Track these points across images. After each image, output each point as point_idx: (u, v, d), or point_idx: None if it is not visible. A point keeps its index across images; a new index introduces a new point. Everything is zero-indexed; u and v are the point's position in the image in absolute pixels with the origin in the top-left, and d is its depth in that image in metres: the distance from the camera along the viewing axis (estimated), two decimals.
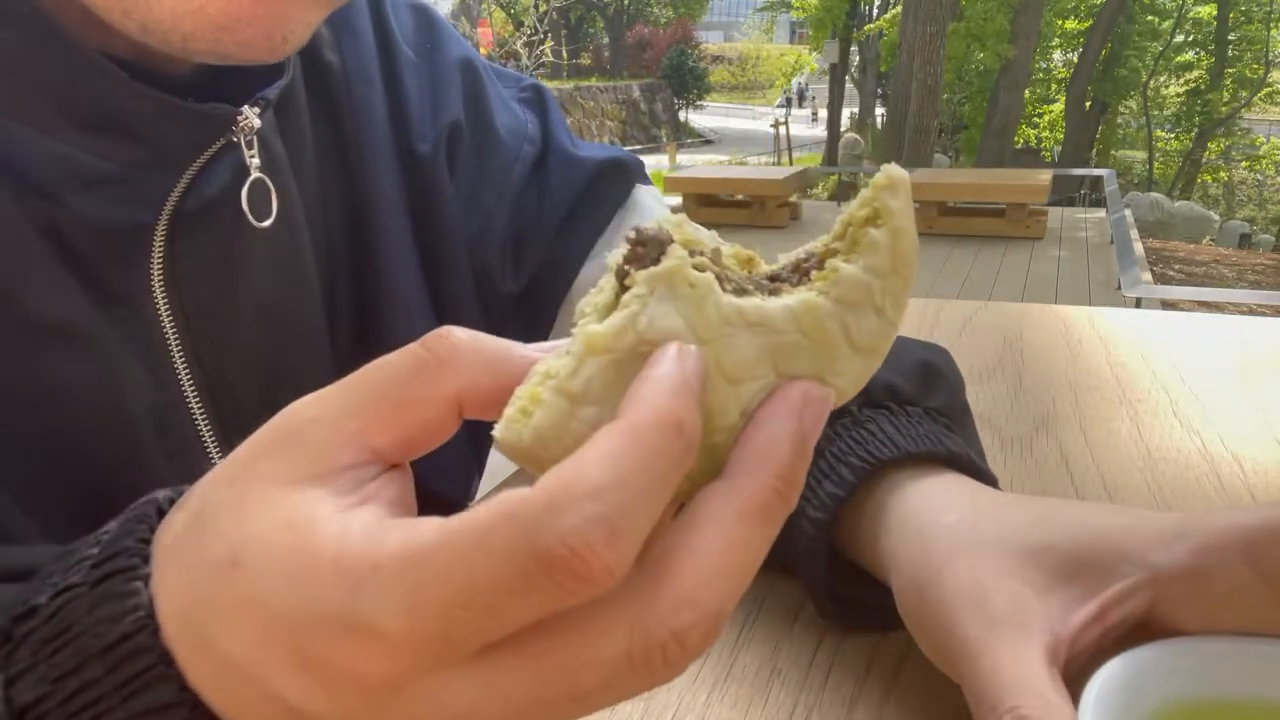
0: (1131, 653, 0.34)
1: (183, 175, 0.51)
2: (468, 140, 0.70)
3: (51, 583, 0.29)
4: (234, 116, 0.51)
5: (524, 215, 0.72)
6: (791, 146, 18.79)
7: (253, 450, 0.28)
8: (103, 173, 0.49)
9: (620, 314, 0.27)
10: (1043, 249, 7.73)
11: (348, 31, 0.66)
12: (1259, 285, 9.01)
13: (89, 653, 0.27)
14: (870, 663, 0.48)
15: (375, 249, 0.65)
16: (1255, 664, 0.34)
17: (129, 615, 0.27)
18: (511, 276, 0.71)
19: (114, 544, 0.29)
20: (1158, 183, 18.71)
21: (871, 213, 0.28)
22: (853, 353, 0.28)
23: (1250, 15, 18.43)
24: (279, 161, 0.58)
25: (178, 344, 0.53)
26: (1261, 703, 0.33)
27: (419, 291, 0.67)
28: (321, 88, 0.64)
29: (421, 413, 0.28)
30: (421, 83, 0.70)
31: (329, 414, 0.28)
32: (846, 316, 0.28)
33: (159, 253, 0.52)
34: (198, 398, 0.54)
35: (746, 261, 0.31)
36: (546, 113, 0.77)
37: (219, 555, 0.26)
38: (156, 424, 0.53)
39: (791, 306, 0.27)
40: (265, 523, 0.26)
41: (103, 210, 0.49)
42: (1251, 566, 0.35)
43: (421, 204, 0.68)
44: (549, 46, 13.84)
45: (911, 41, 12.34)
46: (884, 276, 0.28)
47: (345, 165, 0.64)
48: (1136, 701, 0.32)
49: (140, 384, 0.52)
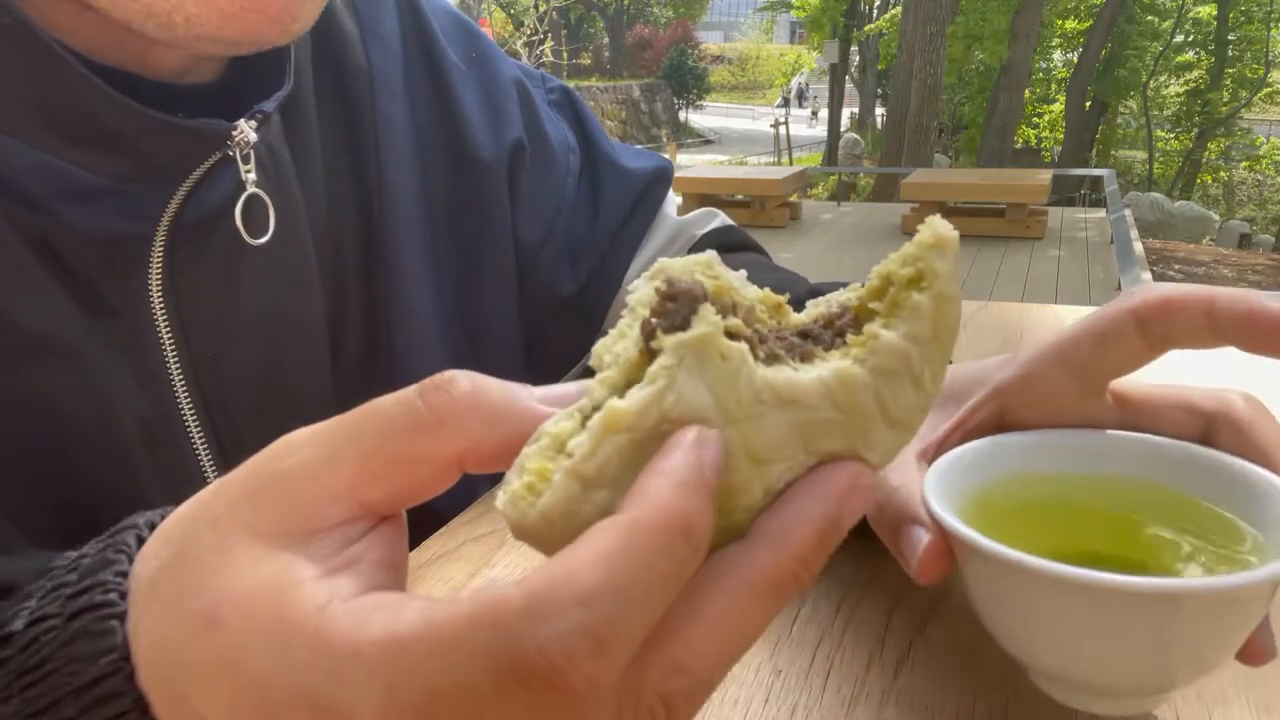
0: (968, 445, 0.43)
1: (179, 187, 0.50)
2: (530, 158, 0.73)
3: (27, 609, 0.28)
4: (228, 132, 0.50)
5: (578, 222, 0.75)
6: (792, 146, 18.80)
7: (240, 490, 0.27)
8: (95, 186, 0.48)
9: (646, 391, 0.25)
10: (1043, 249, 7.73)
11: (375, 37, 0.66)
12: (1259, 285, 9.01)
13: (63, 691, 0.27)
14: (870, 662, 0.48)
15: (388, 256, 0.64)
16: (1062, 448, 0.43)
17: (104, 657, 0.27)
18: (569, 280, 0.74)
19: (91, 574, 0.28)
20: (1158, 183, 18.70)
21: (915, 274, 0.27)
22: (887, 427, 0.27)
23: (1250, 15, 18.43)
24: (284, 171, 0.58)
25: (174, 356, 0.52)
26: (1066, 475, 0.43)
27: (433, 298, 0.67)
28: (341, 91, 0.63)
29: (419, 470, 0.27)
30: (472, 91, 0.71)
31: (320, 463, 0.26)
32: (882, 388, 0.26)
33: (158, 263, 0.51)
34: (193, 411, 0.53)
35: (775, 309, 0.29)
36: (582, 119, 0.79)
37: (198, 610, 0.25)
38: (148, 438, 0.52)
39: (826, 380, 0.26)
40: (247, 583, 0.25)
41: (98, 222, 0.48)
42: (1063, 369, 0.43)
43: (469, 207, 0.69)
44: (549, 46, 13.85)
45: (911, 41, 12.35)
46: (924, 344, 0.27)
47: (360, 169, 0.64)
48: (968, 475, 0.42)
49: (132, 397, 0.51)
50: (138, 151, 0.48)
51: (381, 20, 0.67)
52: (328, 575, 0.25)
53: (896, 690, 0.46)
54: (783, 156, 18.50)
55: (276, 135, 0.57)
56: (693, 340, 0.25)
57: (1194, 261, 9.99)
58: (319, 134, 0.62)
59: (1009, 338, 1.04)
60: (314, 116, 0.61)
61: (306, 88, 0.61)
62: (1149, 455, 0.42)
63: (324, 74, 0.63)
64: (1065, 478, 0.43)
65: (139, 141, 0.48)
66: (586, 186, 0.77)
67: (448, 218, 0.68)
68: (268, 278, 0.57)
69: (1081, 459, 0.43)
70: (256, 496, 0.27)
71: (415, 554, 0.58)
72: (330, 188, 0.62)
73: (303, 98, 0.60)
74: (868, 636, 0.51)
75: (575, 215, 0.75)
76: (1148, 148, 19.68)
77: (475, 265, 0.70)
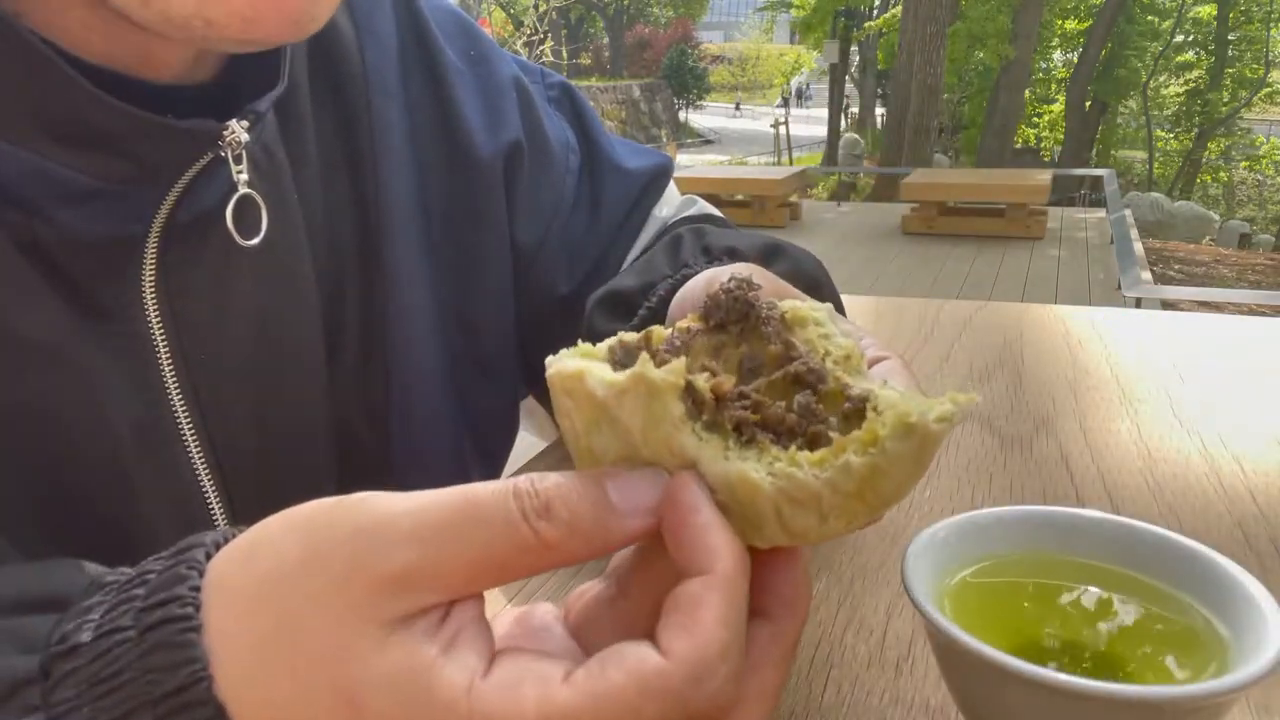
0: (945, 522, 0.42)
1: (171, 188, 0.50)
2: (528, 159, 0.72)
3: (92, 621, 0.29)
4: (219, 132, 0.49)
5: (577, 224, 0.74)
6: (792, 146, 18.79)
7: (340, 575, 0.28)
8: (87, 188, 0.47)
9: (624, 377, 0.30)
10: (1043, 249, 7.72)
11: (370, 35, 0.65)
12: (1259, 285, 9.01)
13: (140, 700, 0.27)
14: (870, 662, 0.48)
15: (385, 256, 0.64)
16: (1037, 528, 0.43)
17: (185, 668, 0.27)
18: (566, 280, 0.73)
19: (164, 589, 0.29)
20: (1158, 183, 18.69)
21: (899, 428, 0.29)
22: (780, 530, 0.30)
23: (1250, 15, 18.42)
24: (280, 171, 0.57)
25: (168, 358, 0.52)
26: (1041, 556, 0.43)
27: (431, 303, 0.67)
28: (337, 91, 0.63)
29: (513, 578, 0.30)
30: (471, 91, 0.70)
31: (425, 569, 0.28)
32: (784, 506, 0.29)
33: (151, 264, 0.50)
34: (187, 415, 0.53)
35: (844, 360, 0.33)
36: (582, 117, 0.78)
37: (332, 691, 0.27)
38: (141, 442, 0.51)
39: (730, 476, 0.29)
40: (381, 669, 0.27)
41: (90, 224, 0.48)
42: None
43: (464, 209, 0.68)
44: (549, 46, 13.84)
45: (911, 41, 12.34)
46: (844, 496, 0.29)
47: (356, 169, 0.63)
48: (944, 554, 0.41)
49: (125, 401, 0.50)
50: (129, 153, 0.47)
51: (377, 19, 0.66)
52: (447, 651, 0.28)
53: (896, 690, 0.46)
54: (783, 156, 18.50)
55: (272, 135, 0.57)
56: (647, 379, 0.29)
57: (1194, 261, 9.98)
58: (315, 134, 0.61)
59: (1009, 338, 1.04)
60: (310, 117, 0.61)
61: (302, 88, 0.60)
62: (1120, 539, 0.42)
63: (319, 74, 0.62)
64: (1040, 558, 0.43)
65: (129, 142, 0.47)
66: (586, 187, 0.76)
67: (444, 219, 0.68)
68: (263, 279, 0.56)
69: (1055, 539, 0.43)
70: (358, 584, 0.28)
71: None
72: (327, 188, 0.62)
73: (298, 98, 0.60)
74: (868, 636, 0.51)
75: (574, 216, 0.75)
76: (1148, 148, 19.67)
77: (471, 266, 0.69)
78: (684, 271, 0.61)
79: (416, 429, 0.66)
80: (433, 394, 0.67)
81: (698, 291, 0.52)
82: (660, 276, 0.62)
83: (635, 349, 0.33)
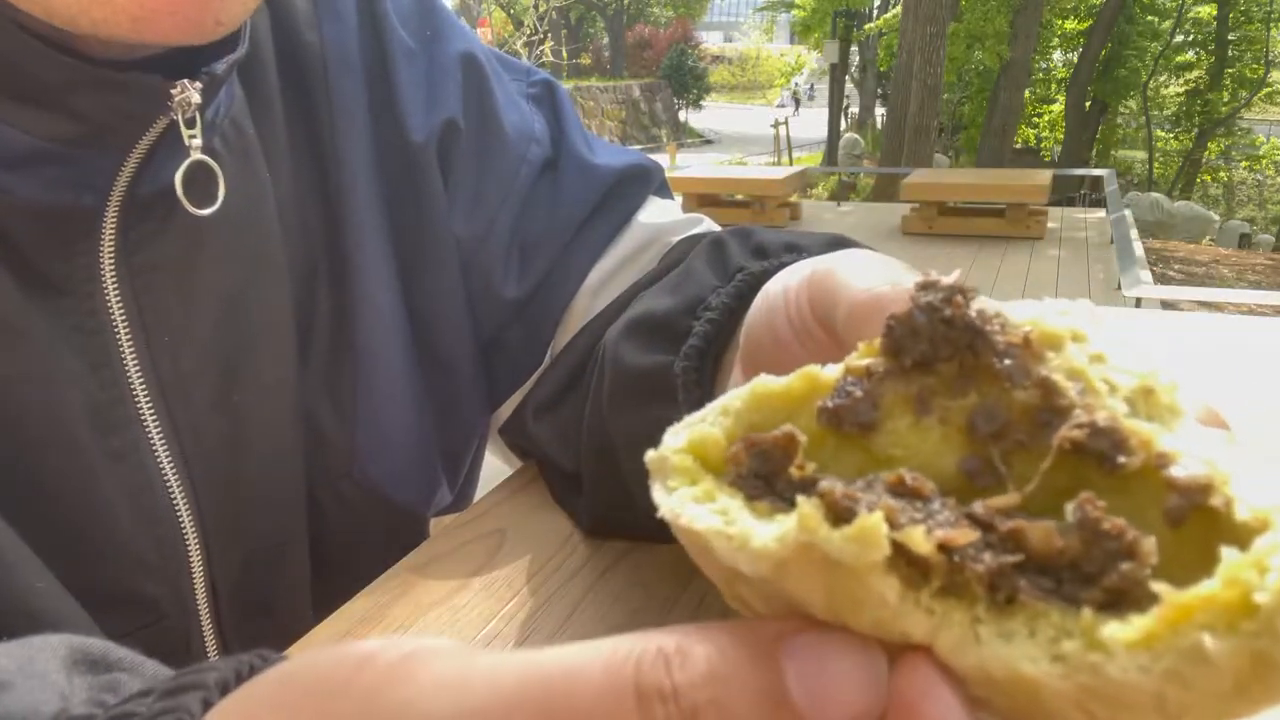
0: None
1: (128, 156, 0.48)
2: (468, 140, 0.67)
3: None
4: (166, 89, 0.47)
5: (532, 220, 0.68)
6: (792, 146, 18.80)
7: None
8: (32, 148, 0.45)
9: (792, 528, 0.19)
10: (1043, 249, 7.72)
11: (329, 12, 0.63)
12: (1259, 285, 9.01)
13: None
14: None
15: (350, 251, 0.62)
16: None
17: None
18: (515, 282, 0.67)
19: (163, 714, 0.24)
20: (1158, 183, 18.69)
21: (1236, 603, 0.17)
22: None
23: (1250, 15, 18.41)
24: (250, 148, 0.55)
25: (128, 337, 0.50)
26: None
27: (394, 297, 0.64)
28: (297, 72, 0.61)
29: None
30: (417, 72, 0.66)
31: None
32: (1095, 707, 0.18)
33: (110, 240, 0.49)
34: (147, 395, 0.51)
35: (1143, 397, 0.22)
36: (559, 113, 0.72)
37: None
38: (98, 423, 0.49)
39: (991, 667, 0.18)
40: None
41: (42, 192, 0.46)
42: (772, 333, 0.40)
43: (406, 197, 0.65)
44: (549, 46, 13.85)
45: (911, 41, 12.34)
46: (1204, 695, 0.17)
47: (319, 158, 0.61)
48: None
49: (80, 379, 0.48)
50: (68, 107, 0.45)
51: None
52: None
53: None
54: (783, 156, 18.51)
55: (241, 110, 0.55)
56: (822, 551, 0.18)
57: (1194, 261, 9.99)
58: (283, 114, 0.59)
59: None
60: (278, 95, 0.59)
61: (268, 64, 0.58)
62: None
63: (282, 52, 0.60)
64: None
65: (68, 96, 0.44)
66: (547, 182, 0.69)
67: (398, 208, 0.64)
68: (230, 259, 0.54)
69: None
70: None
71: (411, 557, 0.57)
72: (296, 174, 0.60)
73: (265, 75, 0.58)
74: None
75: (529, 211, 0.68)
76: (1148, 148, 19.67)
77: (417, 260, 0.65)
78: (740, 277, 0.51)
79: (382, 425, 0.64)
80: (397, 393, 0.65)
81: (789, 299, 0.39)
82: (708, 288, 0.51)
83: (776, 454, 0.21)
